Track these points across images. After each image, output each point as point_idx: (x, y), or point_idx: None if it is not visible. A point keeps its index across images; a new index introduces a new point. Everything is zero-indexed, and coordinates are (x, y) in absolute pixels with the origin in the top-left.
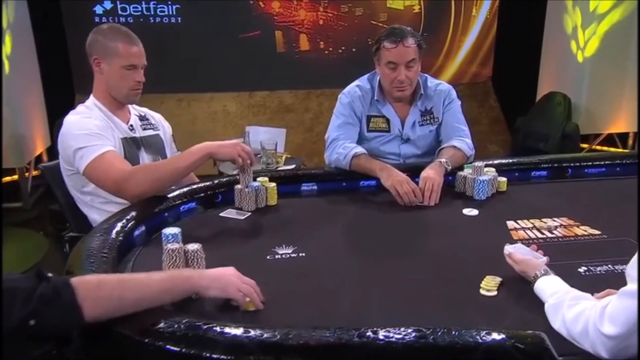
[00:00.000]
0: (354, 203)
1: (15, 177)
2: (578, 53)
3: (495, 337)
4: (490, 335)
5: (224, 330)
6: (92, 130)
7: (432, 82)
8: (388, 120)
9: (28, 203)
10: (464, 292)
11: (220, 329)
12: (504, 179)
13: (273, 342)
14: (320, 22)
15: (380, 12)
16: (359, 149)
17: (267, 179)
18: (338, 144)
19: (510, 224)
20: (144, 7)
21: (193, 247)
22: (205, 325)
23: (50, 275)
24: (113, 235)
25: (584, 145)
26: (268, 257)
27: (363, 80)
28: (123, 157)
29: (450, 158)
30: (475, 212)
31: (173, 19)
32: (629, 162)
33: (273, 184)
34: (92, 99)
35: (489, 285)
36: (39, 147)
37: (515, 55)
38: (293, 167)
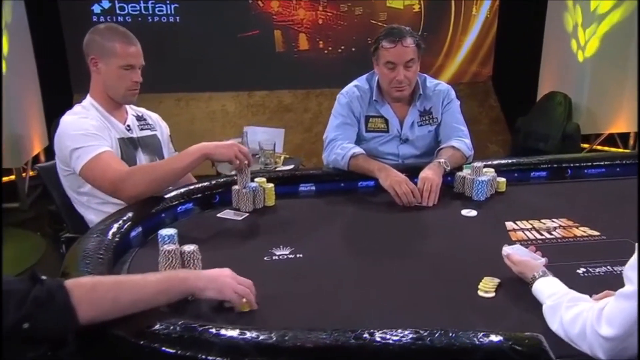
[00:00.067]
0: (352, 204)
1: (13, 177)
2: (578, 52)
3: (493, 338)
4: (488, 337)
5: (220, 332)
6: (88, 131)
7: (431, 82)
8: (387, 121)
9: (25, 203)
10: (462, 293)
11: (216, 331)
12: (503, 180)
13: (269, 343)
14: (320, 21)
15: (380, 11)
16: (357, 149)
17: (264, 180)
18: (336, 145)
19: (509, 225)
20: (142, 6)
21: (189, 248)
22: (201, 327)
23: (44, 278)
24: (109, 237)
25: (585, 145)
26: (265, 258)
27: (361, 80)
28: (120, 157)
29: (449, 158)
30: (474, 212)
31: (171, 19)
32: (629, 162)
33: (271, 185)
34: (89, 99)
35: (487, 287)
36: (36, 147)
37: (516, 55)
38: (291, 167)
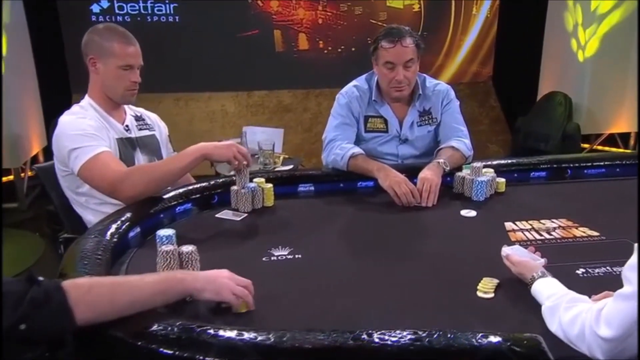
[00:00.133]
0: (352, 204)
1: (11, 177)
2: (579, 52)
3: (492, 339)
4: (487, 338)
5: (218, 333)
6: (86, 131)
7: (430, 82)
8: (386, 121)
9: (24, 204)
10: (461, 294)
11: (214, 332)
12: (503, 180)
13: (267, 344)
14: (320, 21)
15: (380, 11)
16: (356, 150)
17: (263, 180)
18: (335, 145)
19: (509, 225)
20: (141, 5)
21: (187, 248)
22: (199, 328)
23: (41, 279)
24: (107, 237)
25: (585, 146)
26: (264, 258)
27: (361, 81)
28: (118, 157)
29: (449, 159)
30: (474, 213)
31: (170, 18)
32: (629, 163)
33: (270, 185)
34: (87, 99)
35: (486, 287)
36: (35, 147)
37: (516, 55)
38: (291, 167)
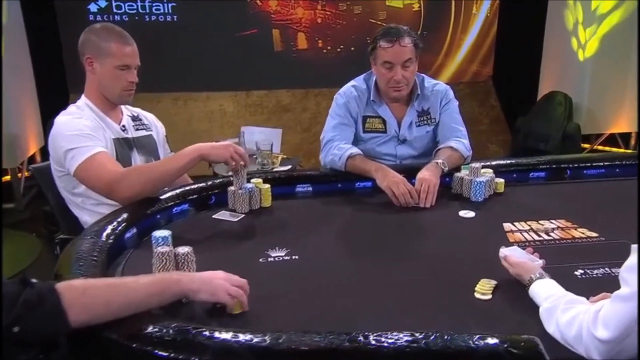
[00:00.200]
0: (349, 204)
1: (8, 177)
2: (579, 51)
3: (489, 341)
4: (484, 340)
5: (214, 335)
6: (83, 131)
7: (429, 82)
8: (384, 121)
9: (21, 204)
10: (459, 295)
11: (210, 334)
12: (502, 180)
13: (263, 346)
14: (319, 20)
15: (380, 10)
16: (354, 150)
17: (261, 181)
18: (333, 145)
19: (507, 226)
20: (139, 5)
21: (183, 250)
22: (195, 330)
23: (35, 281)
24: (103, 238)
25: (586, 146)
26: (261, 259)
27: (359, 80)
28: (115, 158)
29: (447, 159)
30: (472, 214)
31: (169, 17)
32: (629, 163)
33: (267, 186)
34: (83, 99)
35: (484, 289)
36: (32, 147)
37: (516, 54)
38: (289, 167)
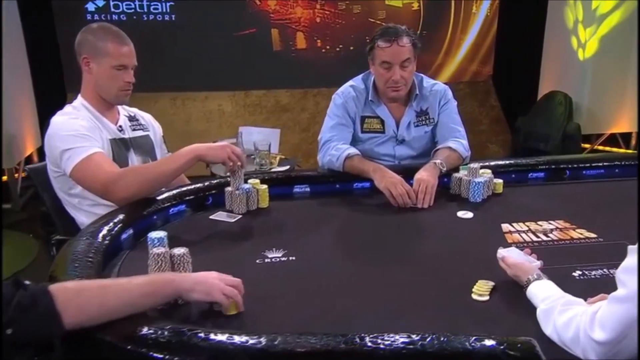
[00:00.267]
0: (347, 205)
1: (5, 178)
2: (579, 50)
3: (486, 343)
4: (481, 341)
5: (209, 336)
6: (79, 132)
7: (427, 82)
8: (383, 121)
9: (17, 204)
10: (456, 296)
11: (205, 335)
12: (500, 181)
13: (258, 348)
14: (317, 19)
15: (379, 9)
16: (352, 150)
17: (258, 181)
18: (331, 146)
19: (505, 227)
20: (137, 4)
21: (179, 251)
22: (190, 331)
23: (28, 283)
24: (99, 239)
25: (586, 146)
26: (258, 260)
27: (357, 81)
28: (111, 158)
29: (446, 159)
30: (470, 214)
31: (167, 17)
32: (628, 163)
33: (264, 186)
34: (80, 99)
35: (481, 290)
36: (29, 147)
37: (516, 54)
38: (287, 168)
